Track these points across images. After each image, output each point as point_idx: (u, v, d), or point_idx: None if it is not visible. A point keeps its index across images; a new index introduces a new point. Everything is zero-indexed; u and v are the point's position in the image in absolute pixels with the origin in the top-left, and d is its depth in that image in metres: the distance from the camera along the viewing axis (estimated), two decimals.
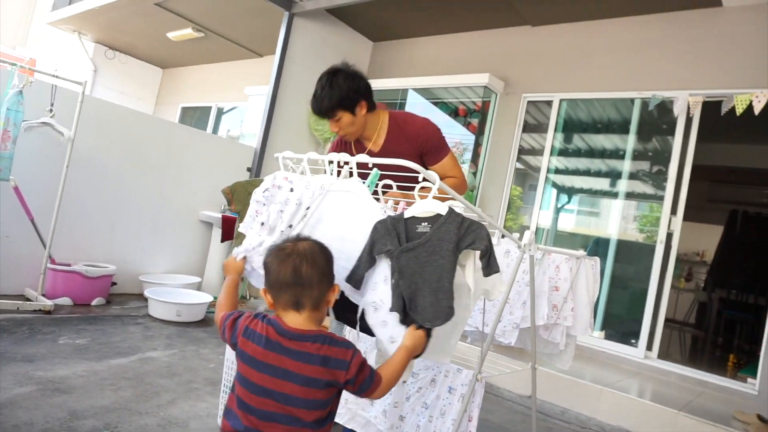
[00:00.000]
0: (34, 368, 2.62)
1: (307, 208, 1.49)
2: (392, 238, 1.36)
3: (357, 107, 2.13)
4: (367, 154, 2.15)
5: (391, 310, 1.34)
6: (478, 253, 1.34)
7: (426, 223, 1.37)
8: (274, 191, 1.57)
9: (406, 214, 1.41)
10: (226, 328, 1.30)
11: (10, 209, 3.70)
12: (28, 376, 2.51)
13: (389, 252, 1.34)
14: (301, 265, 1.21)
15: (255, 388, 1.18)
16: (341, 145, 2.33)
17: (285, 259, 1.23)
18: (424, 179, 1.45)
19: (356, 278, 1.39)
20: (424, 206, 1.40)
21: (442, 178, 2.18)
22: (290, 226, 1.48)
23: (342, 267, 1.45)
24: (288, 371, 1.16)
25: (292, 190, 1.56)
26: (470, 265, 1.45)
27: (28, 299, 3.74)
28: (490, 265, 1.30)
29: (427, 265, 1.32)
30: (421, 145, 2.17)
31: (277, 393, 1.16)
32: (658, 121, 4.68)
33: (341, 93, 2.09)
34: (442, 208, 1.38)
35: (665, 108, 4.39)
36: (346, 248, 1.47)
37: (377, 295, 1.39)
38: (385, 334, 1.39)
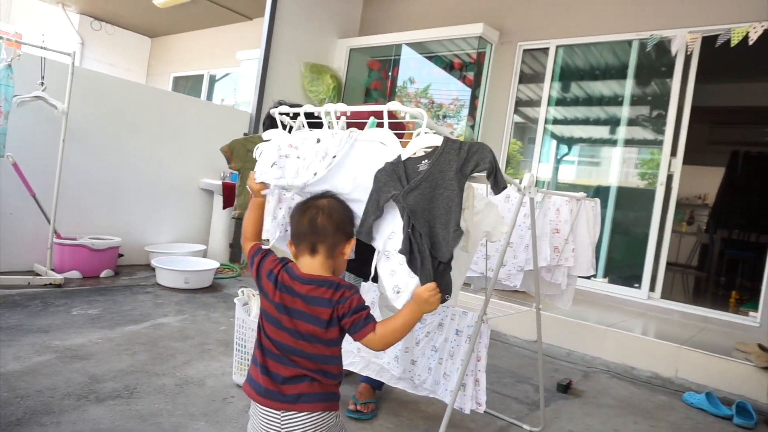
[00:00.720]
0: (51, 338, 2.68)
1: (333, 157, 1.46)
2: (394, 182, 1.34)
3: None
4: None
5: (400, 251, 1.33)
6: (479, 193, 1.35)
7: (425, 161, 1.35)
8: (283, 162, 1.52)
9: (403, 156, 1.40)
10: (253, 263, 1.39)
11: (11, 186, 3.71)
12: (45, 346, 2.57)
13: (395, 196, 1.33)
14: (317, 216, 1.31)
15: (274, 321, 1.29)
16: None
17: (304, 212, 1.34)
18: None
19: (365, 229, 1.38)
20: (419, 143, 1.39)
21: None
22: (314, 174, 1.46)
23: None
24: (300, 311, 1.25)
25: (299, 157, 1.50)
26: (469, 207, 1.46)
27: (37, 274, 3.79)
28: (497, 183, 1.29)
29: (433, 199, 1.30)
30: None
31: (292, 330, 1.26)
32: (656, 63, 4.60)
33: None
34: (436, 140, 1.36)
35: (663, 48, 4.32)
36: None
37: (392, 244, 1.38)
38: (390, 282, 1.37)
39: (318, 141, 1.46)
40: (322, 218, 1.31)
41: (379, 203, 1.36)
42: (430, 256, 1.27)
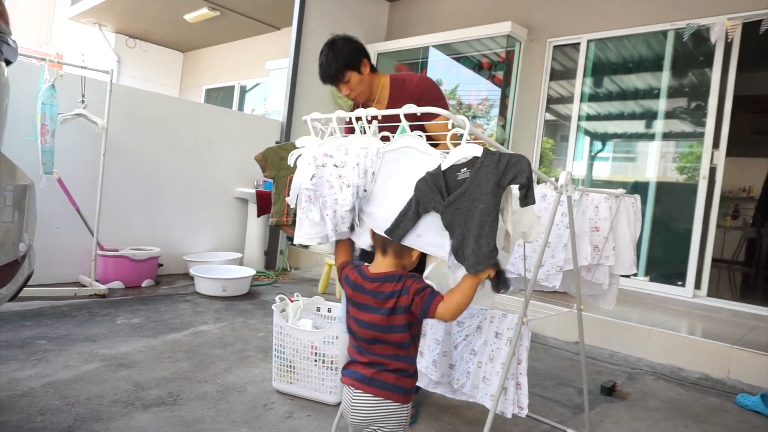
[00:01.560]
0: (98, 347, 2.76)
1: (373, 173, 1.50)
2: (435, 194, 1.36)
3: (361, 66, 2.30)
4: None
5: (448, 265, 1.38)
6: (516, 193, 1.32)
7: (465, 169, 1.35)
8: (320, 172, 1.53)
9: (444, 166, 1.39)
10: (340, 275, 1.58)
11: (56, 201, 3.85)
12: (93, 354, 2.65)
13: (435, 210, 1.37)
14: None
15: (356, 319, 1.46)
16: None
17: None
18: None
19: (399, 233, 1.41)
20: (459, 153, 1.38)
21: (433, 128, 2.23)
22: (365, 190, 1.51)
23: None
24: (369, 305, 1.43)
25: (335, 165, 1.51)
26: (508, 208, 1.43)
27: (83, 285, 3.92)
28: (527, 197, 1.29)
29: (469, 213, 1.31)
30: (419, 97, 2.25)
31: (367, 323, 1.43)
32: (694, 52, 4.45)
33: (345, 55, 2.26)
34: (477, 151, 1.35)
35: (701, 37, 4.17)
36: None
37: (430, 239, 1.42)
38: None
39: (357, 165, 1.49)
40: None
41: (419, 213, 1.40)
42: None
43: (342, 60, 2.25)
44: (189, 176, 4.87)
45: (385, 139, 1.65)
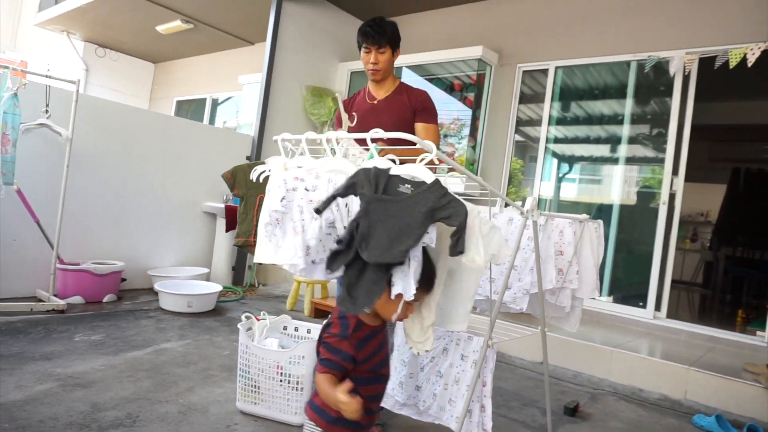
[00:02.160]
0: (53, 366, 2.66)
1: (346, 205, 1.49)
2: (370, 186, 1.34)
3: (396, 50, 2.51)
4: (371, 103, 2.51)
5: (337, 242, 1.35)
6: (481, 217, 1.35)
7: (409, 186, 1.35)
8: (291, 195, 1.53)
9: (393, 171, 1.39)
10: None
11: (15, 213, 3.72)
12: (47, 374, 2.55)
13: (362, 195, 1.33)
14: None
15: None
16: (350, 103, 2.65)
17: None
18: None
19: (323, 203, 1.38)
20: (413, 169, 1.39)
21: (420, 131, 2.43)
22: (345, 227, 1.50)
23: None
24: None
25: (307, 189, 1.50)
26: (476, 225, 1.45)
27: (40, 300, 3.78)
28: (457, 245, 1.29)
29: (393, 218, 1.30)
30: (417, 104, 2.50)
31: None
32: (655, 82, 4.64)
33: (393, 32, 2.46)
34: (428, 177, 1.36)
35: (661, 69, 4.36)
36: None
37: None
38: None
39: (306, 189, 1.49)
40: None
41: (347, 191, 1.36)
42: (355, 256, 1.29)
43: (390, 33, 2.43)
44: (156, 189, 4.78)
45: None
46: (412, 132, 2.45)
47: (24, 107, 3.46)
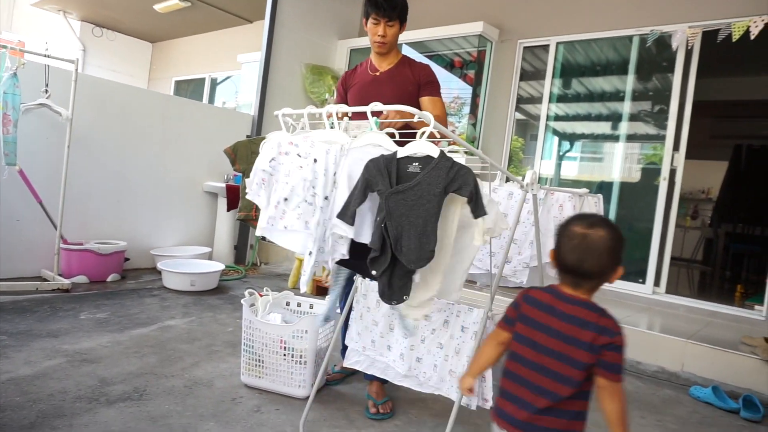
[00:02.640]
0: (60, 342, 2.71)
1: (334, 174, 1.49)
2: (384, 177, 1.39)
3: (404, 24, 2.50)
4: (373, 74, 2.50)
5: (370, 245, 1.39)
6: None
7: (417, 164, 1.40)
8: (282, 158, 1.55)
9: (399, 154, 1.44)
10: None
11: (18, 193, 3.74)
12: (55, 350, 2.60)
13: (380, 192, 1.39)
14: (585, 259, 1.22)
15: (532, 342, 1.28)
16: (351, 75, 2.64)
17: (573, 249, 1.24)
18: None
19: (349, 214, 1.42)
20: (417, 147, 1.43)
21: (426, 104, 2.43)
22: (326, 198, 1.47)
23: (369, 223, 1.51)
24: (559, 332, 1.23)
25: (299, 155, 1.52)
26: (454, 216, 1.48)
27: (45, 280, 3.82)
28: (477, 208, 1.32)
29: (414, 208, 1.36)
30: (421, 76, 2.49)
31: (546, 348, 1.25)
32: (657, 58, 4.60)
33: (404, 6, 2.46)
34: (433, 151, 1.39)
35: (664, 43, 4.32)
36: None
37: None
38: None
39: (315, 161, 1.48)
40: (591, 262, 1.22)
41: (365, 191, 1.41)
42: (392, 256, 1.36)
43: (401, 7, 2.43)
44: (157, 169, 4.78)
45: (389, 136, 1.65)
46: (416, 105, 2.44)
47: (23, 88, 3.45)
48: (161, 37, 9.59)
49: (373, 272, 1.42)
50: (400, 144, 1.63)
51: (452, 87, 5.59)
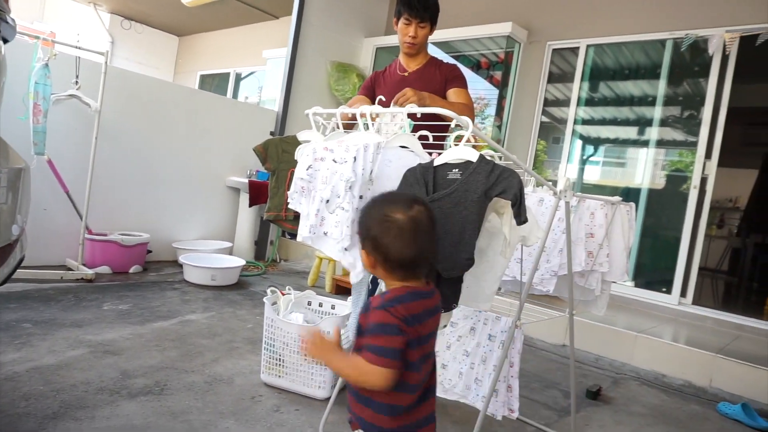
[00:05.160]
0: (84, 332, 2.73)
1: (371, 172, 1.47)
2: (420, 186, 1.37)
3: (434, 26, 2.48)
4: (402, 75, 2.51)
5: None
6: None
7: (457, 170, 1.37)
8: (318, 164, 1.51)
9: (437, 162, 1.41)
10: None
11: (45, 183, 3.79)
12: (78, 340, 2.62)
13: None
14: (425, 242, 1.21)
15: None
16: (380, 75, 2.64)
17: (413, 237, 1.13)
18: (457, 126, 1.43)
19: None
20: (456, 153, 1.40)
21: (452, 96, 2.43)
22: (361, 197, 1.43)
23: None
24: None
25: (335, 161, 1.48)
26: (508, 213, 1.44)
27: (69, 269, 3.87)
28: (520, 214, 1.28)
29: (450, 216, 1.32)
30: (449, 73, 2.50)
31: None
32: (690, 62, 4.49)
33: (437, 6, 2.44)
34: (472, 155, 1.36)
35: (698, 48, 4.20)
36: None
37: None
38: None
39: (355, 159, 1.43)
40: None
41: None
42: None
43: (433, 8, 2.41)
44: (182, 163, 4.81)
45: (423, 138, 1.62)
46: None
47: (54, 78, 3.49)
48: (188, 31, 9.67)
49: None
50: (432, 147, 1.60)
51: (478, 88, 5.53)
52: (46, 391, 2.05)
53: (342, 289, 4.42)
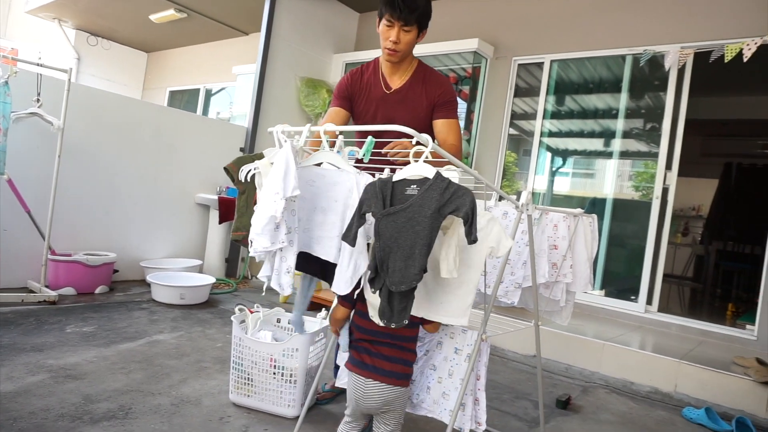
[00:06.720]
0: (45, 357, 2.65)
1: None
2: (378, 200, 1.39)
3: (423, 31, 2.17)
4: (385, 90, 2.24)
5: (368, 267, 1.43)
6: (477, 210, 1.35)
7: (415, 186, 1.39)
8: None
9: (396, 177, 1.43)
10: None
11: (6, 203, 3.69)
12: (39, 365, 2.54)
13: (374, 214, 1.39)
14: None
15: None
16: (353, 83, 2.32)
17: None
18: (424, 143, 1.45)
19: (351, 236, 1.43)
20: (414, 169, 1.42)
21: (443, 141, 2.25)
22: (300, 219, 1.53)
23: (324, 236, 1.58)
24: None
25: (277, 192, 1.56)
26: (455, 231, 1.46)
27: (31, 291, 3.76)
28: (471, 233, 1.29)
29: (403, 230, 1.34)
30: (438, 97, 2.23)
31: None
32: (649, 77, 4.65)
33: (425, 10, 2.11)
34: (429, 172, 1.38)
35: (656, 63, 4.36)
36: (328, 218, 1.58)
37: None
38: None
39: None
40: None
41: (362, 213, 1.43)
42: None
43: (421, 10, 2.08)
44: (149, 180, 4.74)
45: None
46: (427, 127, 2.26)
47: (15, 96, 3.42)
48: (157, 47, 9.58)
49: (373, 291, 1.42)
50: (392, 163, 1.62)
51: None
52: (2, 420, 1.98)
53: (313, 305, 4.38)
